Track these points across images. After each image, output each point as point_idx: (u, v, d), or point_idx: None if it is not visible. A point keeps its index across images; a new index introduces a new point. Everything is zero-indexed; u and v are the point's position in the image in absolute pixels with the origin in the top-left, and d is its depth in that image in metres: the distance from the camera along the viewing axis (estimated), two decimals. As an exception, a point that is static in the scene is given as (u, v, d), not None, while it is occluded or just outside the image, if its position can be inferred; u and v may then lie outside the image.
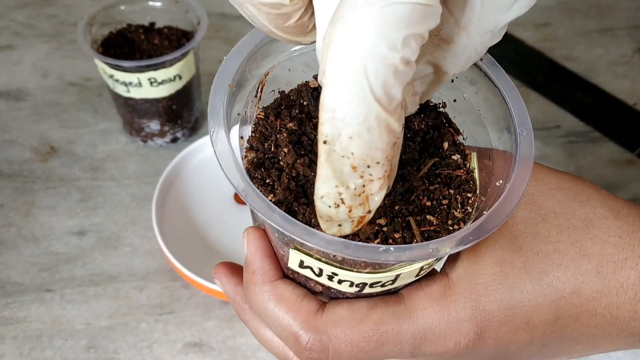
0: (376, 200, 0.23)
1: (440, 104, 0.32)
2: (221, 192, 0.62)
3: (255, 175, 0.27)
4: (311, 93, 0.30)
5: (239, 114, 0.29)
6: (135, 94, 0.61)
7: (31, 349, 0.51)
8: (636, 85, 0.75)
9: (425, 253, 0.24)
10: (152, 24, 0.64)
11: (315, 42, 0.26)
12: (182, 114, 0.65)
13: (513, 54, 0.79)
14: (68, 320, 0.53)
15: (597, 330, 0.30)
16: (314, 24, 0.25)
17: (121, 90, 0.61)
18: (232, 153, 0.26)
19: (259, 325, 0.32)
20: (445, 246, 0.24)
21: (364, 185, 0.22)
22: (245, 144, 0.29)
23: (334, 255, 0.25)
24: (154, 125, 0.64)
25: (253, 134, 0.29)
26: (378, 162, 0.22)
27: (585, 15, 0.85)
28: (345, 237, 0.26)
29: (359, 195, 0.23)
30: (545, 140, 0.69)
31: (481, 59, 0.29)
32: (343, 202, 0.23)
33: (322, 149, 0.22)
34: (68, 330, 0.53)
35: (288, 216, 0.24)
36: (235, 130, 0.28)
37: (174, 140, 0.67)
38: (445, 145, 0.30)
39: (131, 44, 0.63)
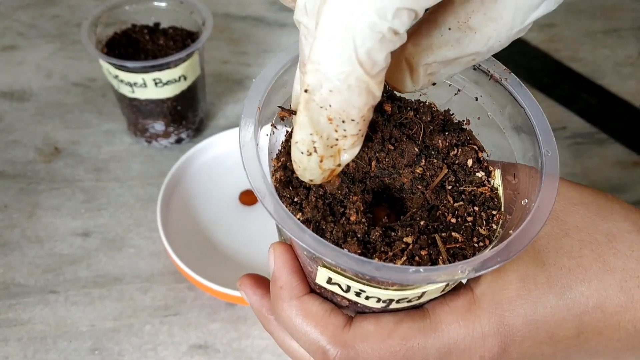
0: (346, 157, 0.24)
1: (464, 120, 0.32)
2: (226, 193, 0.61)
3: (284, 194, 0.28)
4: None
5: (267, 135, 0.29)
6: (140, 94, 0.60)
7: (35, 350, 0.51)
8: (642, 86, 0.75)
9: (453, 274, 0.25)
10: (156, 25, 0.64)
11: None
12: (186, 115, 0.65)
13: (518, 55, 0.79)
14: (72, 322, 0.53)
15: (620, 343, 0.30)
16: None
17: (126, 90, 0.60)
18: (264, 176, 0.26)
19: (285, 337, 0.32)
20: (473, 268, 0.25)
21: (337, 139, 0.23)
22: (273, 162, 0.29)
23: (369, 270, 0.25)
24: (159, 126, 0.64)
25: (283, 149, 0.30)
26: (353, 120, 0.23)
27: (591, 16, 0.85)
28: (373, 250, 0.26)
29: (331, 147, 0.24)
30: (551, 142, 0.68)
31: (506, 79, 0.30)
32: (315, 151, 0.24)
33: (302, 97, 0.23)
34: (72, 332, 0.52)
35: (319, 237, 0.25)
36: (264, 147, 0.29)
37: (179, 141, 0.67)
38: (469, 162, 0.30)
39: (136, 45, 0.63)
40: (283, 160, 0.29)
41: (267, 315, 0.33)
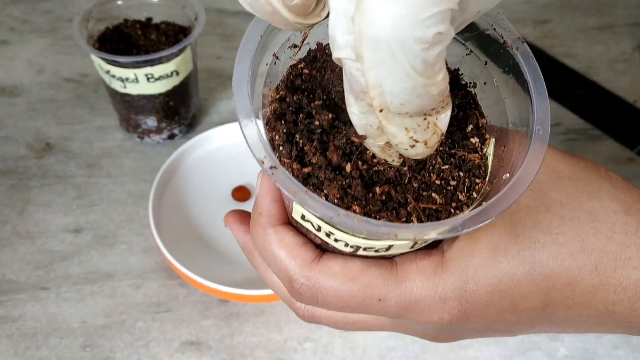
0: (444, 120, 0.24)
1: (470, 83, 0.31)
2: (219, 189, 0.61)
3: (276, 127, 0.28)
4: None
5: (267, 64, 0.29)
6: (132, 90, 0.60)
7: (26, 347, 0.51)
8: (636, 82, 0.75)
9: (412, 234, 0.25)
10: (149, 20, 0.64)
11: (315, 23, 0.26)
12: (179, 111, 0.64)
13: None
14: (64, 318, 0.53)
15: (591, 319, 0.30)
16: (316, 5, 0.25)
17: (118, 86, 0.60)
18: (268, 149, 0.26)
19: (266, 271, 0.33)
20: (433, 231, 0.25)
21: (426, 120, 0.24)
22: (271, 92, 0.29)
23: (330, 217, 0.26)
24: (151, 122, 0.64)
25: (282, 83, 0.29)
26: (433, 109, 0.23)
27: (585, 12, 0.84)
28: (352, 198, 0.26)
29: (427, 128, 0.24)
30: (545, 138, 0.68)
31: (517, 48, 0.29)
32: (417, 141, 0.24)
33: (380, 116, 0.23)
34: (64, 328, 0.52)
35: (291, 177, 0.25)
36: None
37: (171, 136, 0.66)
38: (469, 127, 0.30)
39: (128, 40, 0.62)
40: (282, 94, 0.29)
41: (252, 250, 0.34)
